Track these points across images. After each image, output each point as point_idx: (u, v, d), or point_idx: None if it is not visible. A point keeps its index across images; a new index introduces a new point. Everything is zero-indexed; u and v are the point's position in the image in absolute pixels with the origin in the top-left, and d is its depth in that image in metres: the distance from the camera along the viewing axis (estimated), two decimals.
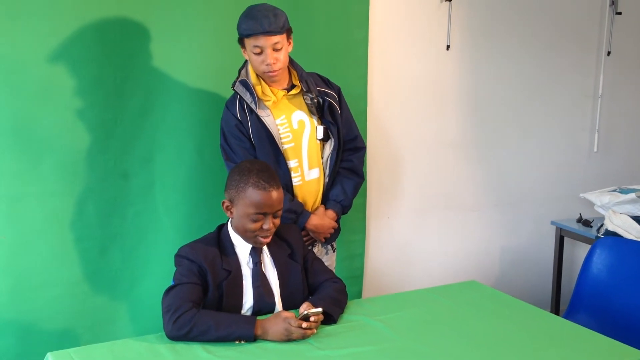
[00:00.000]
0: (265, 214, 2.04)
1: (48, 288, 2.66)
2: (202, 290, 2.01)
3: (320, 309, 1.96)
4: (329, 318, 2.03)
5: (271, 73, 2.43)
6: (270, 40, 2.37)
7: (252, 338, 1.89)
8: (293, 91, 2.54)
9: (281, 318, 1.92)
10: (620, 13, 3.83)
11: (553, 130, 3.83)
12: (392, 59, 3.30)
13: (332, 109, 2.58)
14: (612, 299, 2.60)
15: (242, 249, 2.11)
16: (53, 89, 2.57)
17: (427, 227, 3.55)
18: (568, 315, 2.64)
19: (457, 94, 3.52)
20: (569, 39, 3.78)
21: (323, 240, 2.62)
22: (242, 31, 2.40)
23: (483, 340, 1.96)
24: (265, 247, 2.15)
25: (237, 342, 1.89)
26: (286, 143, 2.52)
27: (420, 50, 3.37)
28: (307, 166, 2.56)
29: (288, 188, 2.51)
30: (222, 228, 2.15)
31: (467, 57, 3.50)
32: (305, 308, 1.97)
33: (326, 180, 2.60)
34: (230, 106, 2.52)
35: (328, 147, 2.59)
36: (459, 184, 3.61)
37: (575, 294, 2.71)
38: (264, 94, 2.50)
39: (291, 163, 2.53)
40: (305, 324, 1.91)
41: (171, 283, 2.02)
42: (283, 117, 2.52)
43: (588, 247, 2.88)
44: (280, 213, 2.09)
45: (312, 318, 1.94)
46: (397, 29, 3.29)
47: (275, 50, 2.39)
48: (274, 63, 2.40)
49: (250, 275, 2.10)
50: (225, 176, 2.18)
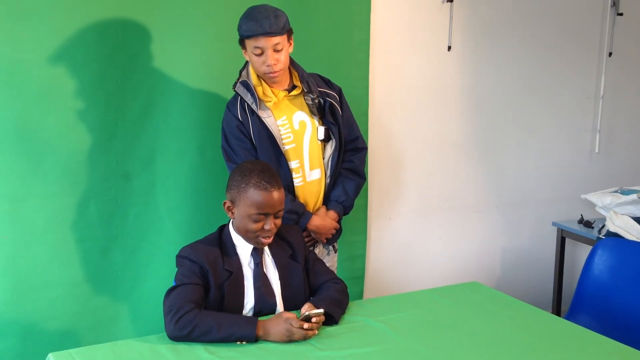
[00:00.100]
0: (266, 215, 2.04)
1: (50, 288, 2.66)
2: (204, 290, 2.01)
3: (321, 310, 1.96)
4: (331, 319, 2.02)
5: (272, 74, 2.43)
6: (270, 41, 2.37)
7: (254, 339, 1.89)
8: (294, 92, 2.54)
9: (282, 319, 1.92)
10: (621, 14, 3.83)
11: (554, 131, 3.83)
12: (394, 60, 3.30)
13: (333, 110, 2.57)
14: (614, 300, 2.60)
15: (244, 250, 2.11)
16: (55, 90, 2.57)
17: (429, 228, 3.55)
18: (569, 316, 2.64)
19: (459, 95, 3.52)
20: (571, 40, 3.77)
21: (325, 241, 2.62)
22: (243, 32, 2.40)
23: (484, 341, 1.96)
24: (266, 248, 2.14)
25: (239, 343, 1.89)
26: (287, 144, 2.52)
27: (421, 51, 3.37)
28: (309, 167, 2.56)
29: (289, 189, 2.51)
30: (224, 229, 2.15)
31: (469, 58, 3.50)
32: (306, 309, 1.97)
33: (327, 180, 2.60)
34: (231, 107, 2.52)
35: (329, 148, 2.59)
36: (461, 185, 3.60)
37: (576, 295, 2.70)
38: (265, 95, 2.50)
39: (292, 164, 2.53)
40: (306, 325, 1.91)
41: (173, 284, 2.03)
42: (284, 118, 2.52)
43: (589, 248, 2.87)
44: (281, 213, 2.09)
45: (314, 319, 1.94)
46: (399, 30, 3.29)
47: (275, 51, 2.39)
48: (275, 64, 2.40)
49: (251, 275, 2.10)
50: (226, 177, 2.18)
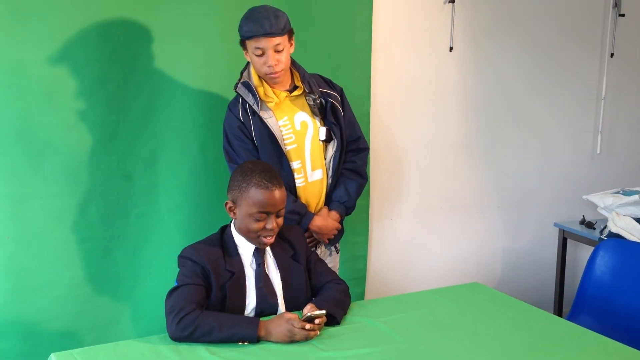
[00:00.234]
0: (268, 213, 2.04)
1: (51, 289, 2.66)
2: (205, 291, 2.01)
3: (323, 311, 1.95)
4: (332, 319, 2.02)
5: (273, 74, 2.43)
6: (271, 41, 2.37)
7: (255, 339, 1.89)
8: (295, 92, 2.53)
9: (284, 319, 1.91)
10: (623, 15, 3.83)
11: (556, 132, 3.83)
12: (396, 61, 3.30)
13: (335, 110, 2.57)
14: (616, 301, 2.59)
15: (246, 250, 2.11)
16: (56, 90, 2.57)
17: (430, 229, 3.55)
18: (571, 317, 2.63)
19: (460, 96, 3.52)
20: (572, 41, 3.77)
21: (327, 241, 2.62)
22: (244, 33, 2.40)
23: (486, 341, 1.96)
24: (268, 248, 2.14)
25: (240, 343, 1.89)
26: (289, 144, 2.52)
27: (423, 51, 3.37)
28: (310, 167, 2.55)
29: (291, 189, 2.51)
30: (225, 229, 2.15)
31: (470, 59, 3.50)
32: (309, 310, 1.97)
33: (329, 181, 2.60)
34: (232, 108, 2.52)
35: (331, 148, 2.59)
36: (462, 186, 3.60)
37: (578, 296, 2.70)
38: (266, 96, 2.50)
39: (294, 164, 2.53)
40: (308, 326, 1.91)
41: (174, 284, 2.03)
42: (286, 119, 2.52)
43: (591, 249, 2.87)
44: (283, 212, 2.09)
45: (317, 321, 1.93)
46: (401, 31, 3.29)
47: (276, 51, 2.39)
48: (276, 64, 2.40)
49: (253, 276, 2.10)
50: (228, 177, 2.18)
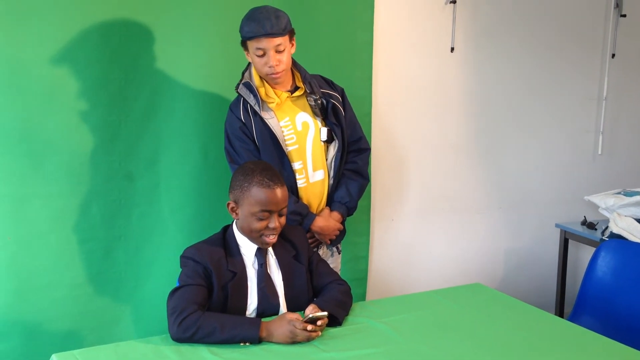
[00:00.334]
0: (270, 212, 2.04)
1: (52, 289, 2.66)
2: (207, 291, 2.00)
3: (325, 313, 1.95)
4: (334, 320, 2.02)
5: (274, 75, 2.43)
6: (272, 42, 2.37)
7: (257, 340, 1.89)
8: (297, 93, 2.53)
9: (286, 320, 1.91)
10: (624, 15, 3.82)
11: (557, 132, 3.83)
12: (397, 61, 3.30)
13: (336, 111, 2.57)
14: (617, 302, 2.59)
15: (248, 250, 2.11)
16: (58, 91, 2.57)
17: (431, 229, 3.55)
18: (572, 317, 2.63)
19: (462, 96, 3.51)
20: (574, 42, 3.77)
21: (328, 242, 2.62)
22: (245, 34, 2.40)
23: (487, 342, 1.96)
24: (270, 249, 2.14)
25: (242, 344, 1.89)
26: (290, 145, 2.52)
27: (424, 52, 3.37)
28: (312, 168, 2.55)
29: (293, 190, 2.51)
30: (227, 229, 2.15)
31: (472, 60, 3.50)
32: (311, 311, 1.96)
33: (331, 182, 2.60)
34: (234, 109, 2.52)
35: (332, 149, 2.59)
36: (463, 186, 3.60)
37: (579, 297, 2.70)
38: (268, 96, 2.49)
39: (295, 165, 2.53)
40: (310, 327, 1.91)
41: (176, 284, 2.03)
42: (287, 119, 2.52)
43: (592, 250, 2.87)
44: (285, 211, 2.09)
45: (319, 322, 1.93)
46: (402, 31, 3.29)
47: (277, 52, 2.39)
48: (277, 65, 2.40)
49: (255, 276, 2.10)
50: (229, 178, 2.18)
